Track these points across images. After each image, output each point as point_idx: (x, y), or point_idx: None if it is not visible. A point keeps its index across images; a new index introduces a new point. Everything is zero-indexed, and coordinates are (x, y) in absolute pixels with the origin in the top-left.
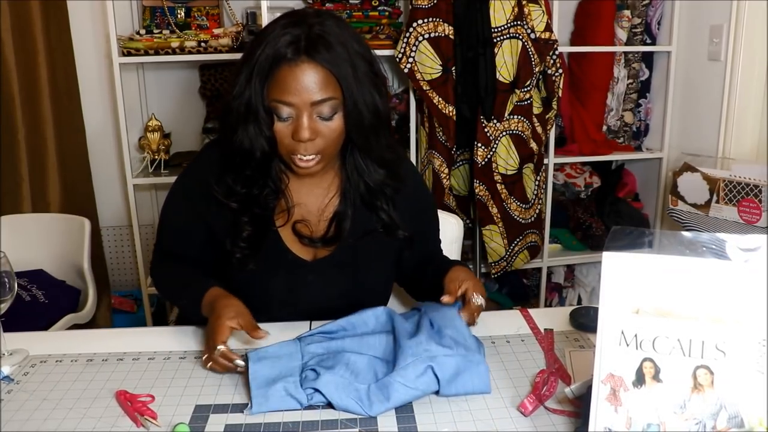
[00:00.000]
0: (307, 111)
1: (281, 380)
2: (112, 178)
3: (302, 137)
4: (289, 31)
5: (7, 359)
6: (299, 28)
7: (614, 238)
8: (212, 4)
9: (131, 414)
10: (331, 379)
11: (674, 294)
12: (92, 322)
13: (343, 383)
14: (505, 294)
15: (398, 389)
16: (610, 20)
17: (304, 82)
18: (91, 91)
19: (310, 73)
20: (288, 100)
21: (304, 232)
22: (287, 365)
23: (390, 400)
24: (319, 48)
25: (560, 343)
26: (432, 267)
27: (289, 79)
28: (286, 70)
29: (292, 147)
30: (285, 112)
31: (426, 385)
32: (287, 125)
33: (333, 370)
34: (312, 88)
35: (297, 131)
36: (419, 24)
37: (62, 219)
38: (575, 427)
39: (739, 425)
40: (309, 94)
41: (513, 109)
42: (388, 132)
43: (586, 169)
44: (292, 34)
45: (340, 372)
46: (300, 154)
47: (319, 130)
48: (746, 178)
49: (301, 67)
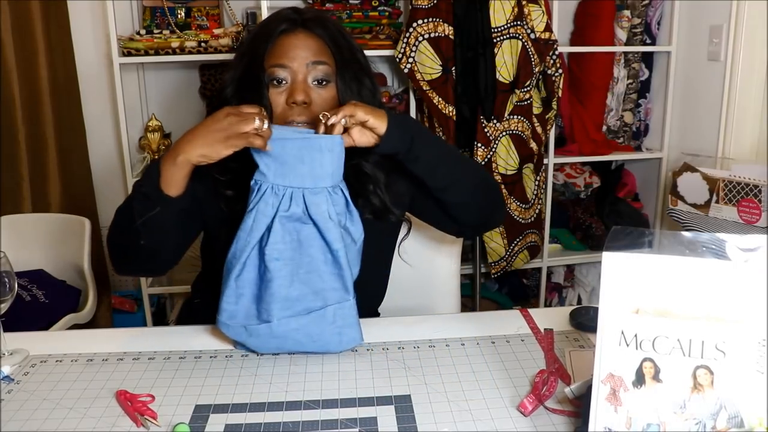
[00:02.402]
0: (302, 74)
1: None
2: (112, 178)
3: (297, 99)
4: (284, 13)
5: (7, 359)
6: (295, 14)
7: (614, 238)
8: (212, 4)
9: (131, 414)
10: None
11: (674, 294)
12: (92, 322)
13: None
14: (505, 294)
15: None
16: (610, 20)
17: (300, 46)
18: (91, 91)
19: (306, 40)
20: (284, 62)
21: None
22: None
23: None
24: (315, 23)
25: (560, 343)
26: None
27: (287, 45)
28: (283, 38)
29: (286, 114)
30: (281, 75)
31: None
32: (282, 91)
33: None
34: (308, 52)
35: (292, 93)
36: (419, 24)
37: (62, 219)
38: (575, 427)
39: (739, 425)
40: (305, 56)
41: (513, 109)
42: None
43: (586, 169)
44: (288, 17)
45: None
46: (293, 120)
47: (313, 97)
48: (746, 178)
49: (297, 35)
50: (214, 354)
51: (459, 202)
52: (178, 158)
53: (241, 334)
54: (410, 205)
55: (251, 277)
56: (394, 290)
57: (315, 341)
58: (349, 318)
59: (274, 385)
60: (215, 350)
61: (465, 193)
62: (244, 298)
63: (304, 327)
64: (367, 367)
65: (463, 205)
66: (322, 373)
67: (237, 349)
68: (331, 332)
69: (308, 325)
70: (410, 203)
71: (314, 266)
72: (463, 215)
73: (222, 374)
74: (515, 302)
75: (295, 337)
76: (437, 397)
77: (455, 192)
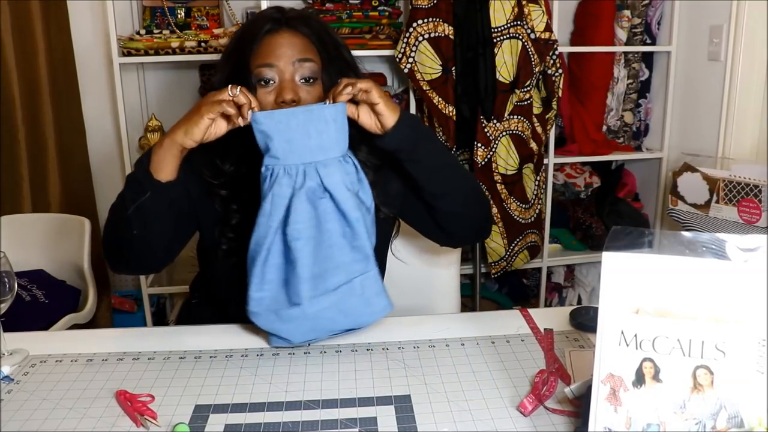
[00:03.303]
0: (289, 72)
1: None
2: (112, 178)
3: (286, 98)
4: (268, 13)
5: (7, 359)
6: (278, 13)
7: (614, 238)
8: (212, 4)
9: (131, 414)
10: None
11: (674, 294)
12: (92, 322)
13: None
14: (505, 294)
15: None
16: (610, 20)
17: (285, 44)
18: (91, 91)
19: (290, 39)
20: (270, 61)
21: None
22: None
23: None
24: (299, 22)
25: (560, 343)
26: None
27: (272, 44)
28: (268, 38)
29: None
30: (268, 75)
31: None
32: (270, 91)
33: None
34: (293, 51)
35: (280, 92)
36: (419, 24)
37: (62, 219)
38: (575, 427)
39: (739, 425)
40: (291, 54)
41: (513, 109)
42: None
43: (586, 169)
44: (272, 16)
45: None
46: None
47: (301, 96)
48: (746, 178)
49: (281, 34)
50: (214, 354)
51: (451, 212)
52: (165, 140)
53: (273, 322)
54: (401, 207)
55: (277, 262)
56: (394, 290)
57: (347, 316)
58: (375, 286)
59: (274, 385)
60: (215, 350)
61: (458, 203)
62: (272, 284)
63: (335, 304)
64: (367, 367)
65: (454, 215)
66: (322, 373)
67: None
68: (361, 304)
69: (339, 302)
70: (401, 206)
71: (334, 240)
72: (453, 225)
73: (222, 374)
74: (515, 302)
75: (327, 316)
76: (437, 397)
77: (449, 201)
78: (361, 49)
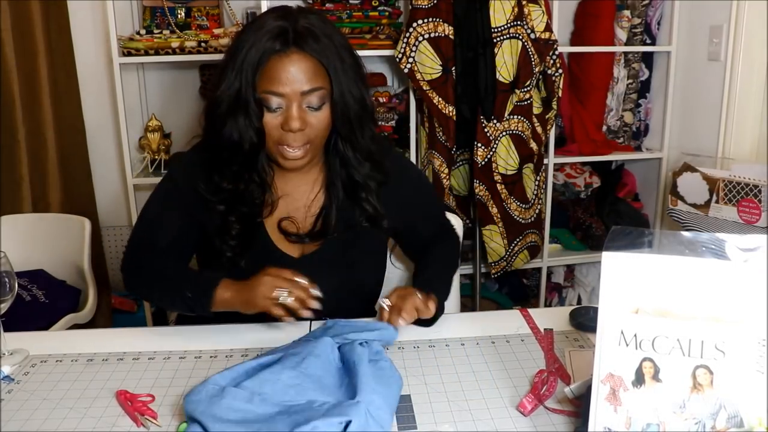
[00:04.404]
0: (296, 101)
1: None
2: (112, 178)
3: (293, 127)
4: (276, 24)
5: (7, 359)
6: (285, 22)
7: (614, 238)
8: (212, 4)
9: (131, 414)
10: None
11: (674, 294)
12: (92, 322)
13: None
14: (505, 294)
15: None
16: (610, 20)
17: (293, 72)
18: (91, 91)
19: (299, 63)
20: (278, 90)
21: (290, 230)
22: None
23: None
24: (307, 39)
25: (560, 342)
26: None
27: (280, 70)
28: (275, 60)
29: (281, 138)
30: (275, 103)
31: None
32: (276, 116)
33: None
34: (301, 77)
35: (287, 121)
36: (419, 24)
37: (62, 219)
38: (575, 427)
39: (739, 425)
40: (299, 83)
41: (513, 109)
42: (372, 124)
43: (586, 169)
44: (280, 27)
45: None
46: (289, 144)
47: (308, 121)
48: (746, 178)
49: (290, 58)
50: (214, 354)
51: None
52: (229, 300)
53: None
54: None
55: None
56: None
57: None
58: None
59: None
60: (215, 350)
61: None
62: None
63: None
64: None
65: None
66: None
67: (237, 349)
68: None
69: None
70: (394, 231)
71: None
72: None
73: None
74: (515, 302)
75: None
76: (437, 397)
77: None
78: (361, 49)
